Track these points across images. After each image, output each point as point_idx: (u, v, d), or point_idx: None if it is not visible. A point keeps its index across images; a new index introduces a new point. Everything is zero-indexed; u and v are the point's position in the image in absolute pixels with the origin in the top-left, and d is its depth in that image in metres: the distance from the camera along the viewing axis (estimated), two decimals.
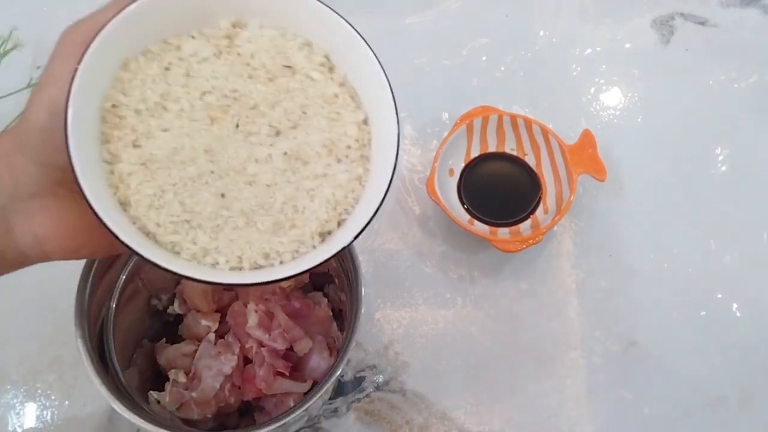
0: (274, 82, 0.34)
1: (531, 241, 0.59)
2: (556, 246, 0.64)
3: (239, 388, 0.51)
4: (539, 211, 0.63)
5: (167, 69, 0.33)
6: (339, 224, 0.34)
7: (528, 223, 0.62)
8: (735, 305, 0.62)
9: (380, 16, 0.73)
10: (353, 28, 0.35)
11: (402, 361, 0.59)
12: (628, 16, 0.74)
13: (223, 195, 0.32)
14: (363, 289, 0.44)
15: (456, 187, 0.64)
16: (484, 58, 0.72)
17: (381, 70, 0.35)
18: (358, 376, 0.58)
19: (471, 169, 0.65)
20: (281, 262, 0.32)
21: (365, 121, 0.36)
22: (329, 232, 0.34)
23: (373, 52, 0.35)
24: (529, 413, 0.58)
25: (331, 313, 0.56)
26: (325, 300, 0.56)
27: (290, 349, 0.53)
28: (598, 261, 0.63)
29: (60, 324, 0.58)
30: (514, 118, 0.64)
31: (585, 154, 0.62)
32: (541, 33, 0.73)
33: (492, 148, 0.66)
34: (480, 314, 0.61)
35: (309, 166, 0.34)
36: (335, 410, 0.57)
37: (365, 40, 0.35)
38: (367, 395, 0.58)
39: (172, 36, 0.33)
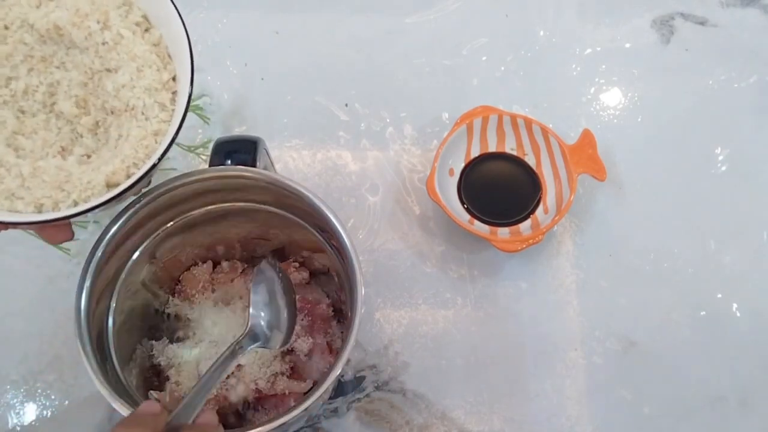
0: (89, 35, 0.37)
1: (531, 241, 0.59)
2: (556, 246, 0.64)
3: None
4: (539, 211, 0.63)
5: None
6: (128, 176, 0.36)
7: (528, 223, 0.62)
8: (735, 305, 0.62)
9: (380, 16, 0.73)
10: None
11: (402, 361, 0.59)
12: (628, 16, 0.74)
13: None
14: (363, 289, 0.44)
15: (456, 187, 0.64)
16: (484, 58, 0.72)
17: (185, 33, 0.37)
18: (358, 376, 0.58)
19: (471, 169, 0.65)
20: (75, 204, 0.36)
21: (173, 80, 0.38)
22: (117, 184, 0.36)
23: (180, 17, 0.37)
24: (529, 413, 0.58)
25: (331, 313, 0.56)
26: (326, 299, 0.56)
27: (290, 348, 0.53)
28: (598, 261, 0.63)
29: (60, 324, 0.59)
30: (514, 118, 0.64)
31: (585, 154, 0.62)
32: (541, 33, 0.73)
33: (492, 148, 0.66)
34: (480, 314, 0.61)
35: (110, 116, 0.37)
36: (335, 410, 0.57)
37: (176, 6, 0.37)
38: (367, 395, 0.58)
39: None
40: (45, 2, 0.37)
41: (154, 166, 0.36)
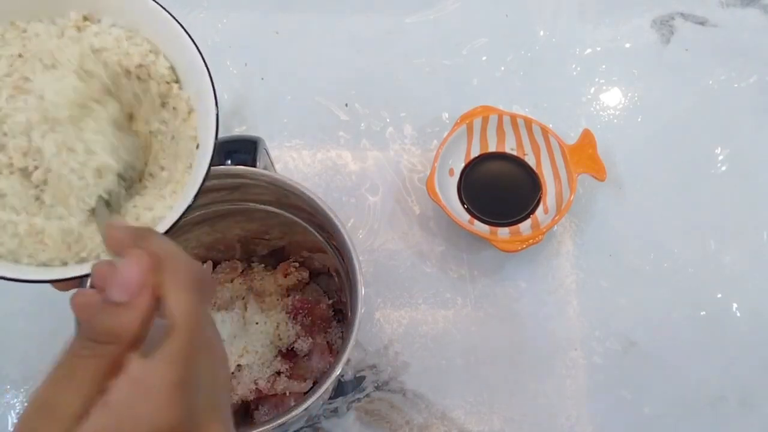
0: (117, 80, 0.35)
1: (531, 241, 0.59)
2: (556, 246, 0.64)
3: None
4: (539, 211, 0.63)
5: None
6: None
7: (528, 222, 0.62)
8: (735, 305, 0.62)
9: (380, 16, 0.73)
10: (196, 46, 0.35)
11: (402, 361, 0.59)
12: (628, 16, 0.74)
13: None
14: (363, 289, 0.44)
15: (456, 187, 0.64)
16: (484, 58, 0.72)
17: (213, 98, 0.34)
18: (358, 375, 0.58)
19: (471, 169, 0.65)
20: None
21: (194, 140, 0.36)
22: None
23: (211, 79, 0.35)
24: (529, 413, 0.58)
25: (331, 313, 0.56)
26: (326, 299, 0.57)
27: (290, 348, 0.53)
28: (598, 261, 0.63)
29: (60, 324, 0.58)
30: (514, 118, 0.64)
31: (585, 154, 0.62)
32: (541, 33, 0.73)
33: (492, 148, 0.66)
34: (480, 314, 0.61)
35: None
36: (335, 410, 0.57)
37: (205, 63, 0.35)
38: (367, 395, 0.58)
39: (23, 20, 0.35)
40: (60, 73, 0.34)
41: (174, 224, 0.33)
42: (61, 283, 0.35)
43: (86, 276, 0.33)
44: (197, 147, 0.35)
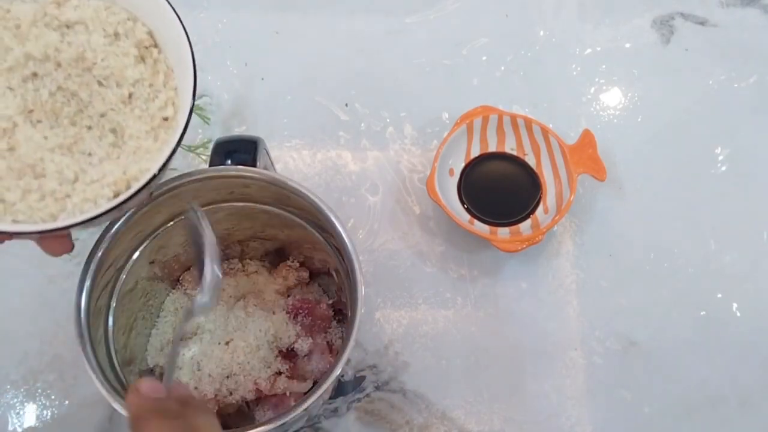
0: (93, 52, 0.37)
1: (531, 241, 0.59)
2: (556, 246, 0.64)
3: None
4: (539, 211, 0.63)
5: None
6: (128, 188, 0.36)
7: (528, 222, 0.62)
8: (735, 305, 0.62)
9: (380, 16, 0.73)
10: (173, 10, 0.37)
11: (402, 360, 0.59)
12: (628, 16, 0.74)
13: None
14: (363, 289, 0.44)
15: (456, 187, 0.64)
16: (484, 58, 0.72)
17: (191, 60, 0.37)
18: (358, 376, 0.58)
19: (471, 169, 0.65)
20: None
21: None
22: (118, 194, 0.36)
23: (189, 42, 0.37)
24: (529, 413, 0.58)
25: (331, 313, 0.56)
26: (326, 299, 0.57)
27: (290, 348, 0.53)
28: (598, 261, 0.63)
29: (60, 323, 0.59)
30: (514, 118, 0.64)
31: (585, 154, 0.62)
32: (541, 33, 0.73)
33: (492, 148, 0.66)
34: (480, 314, 0.61)
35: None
36: (335, 410, 0.57)
37: (182, 24, 0.37)
38: (367, 395, 0.58)
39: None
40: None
41: (155, 176, 0.35)
42: (53, 242, 0.37)
43: (80, 224, 0.34)
44: (166, 118, 0.38)
